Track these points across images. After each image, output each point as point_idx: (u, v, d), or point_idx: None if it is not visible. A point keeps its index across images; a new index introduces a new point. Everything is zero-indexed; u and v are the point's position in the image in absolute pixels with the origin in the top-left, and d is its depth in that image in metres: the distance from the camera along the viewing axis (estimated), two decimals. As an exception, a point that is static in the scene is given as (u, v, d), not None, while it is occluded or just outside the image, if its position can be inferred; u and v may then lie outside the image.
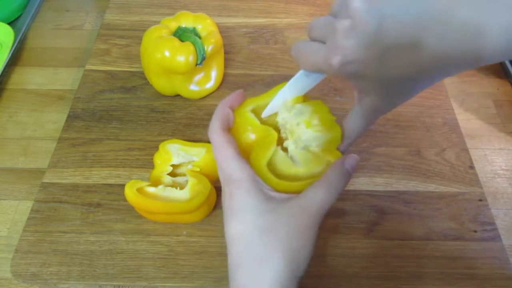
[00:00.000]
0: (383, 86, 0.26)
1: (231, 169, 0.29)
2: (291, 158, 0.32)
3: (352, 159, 0.29)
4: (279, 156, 0.31)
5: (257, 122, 0.32)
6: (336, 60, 0.25)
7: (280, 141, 0.32)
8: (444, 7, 0.22)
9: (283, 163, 0.31)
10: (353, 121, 0.31)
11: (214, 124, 0.31)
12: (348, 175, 0.29)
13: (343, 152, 0.32)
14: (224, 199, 0.29)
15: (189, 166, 0.45)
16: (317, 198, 0.28)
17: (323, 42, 0.26)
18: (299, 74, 0.31)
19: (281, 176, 0.31)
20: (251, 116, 0.32)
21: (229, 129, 0.32)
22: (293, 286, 0.27)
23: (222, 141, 0.29)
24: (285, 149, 0.32)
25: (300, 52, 0.29)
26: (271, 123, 0.33)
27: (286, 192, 0.29)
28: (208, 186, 0.42)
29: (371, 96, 0.28)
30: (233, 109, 0.32)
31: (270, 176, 0.30)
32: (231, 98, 0.32)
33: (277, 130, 0.32)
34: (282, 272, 0.26)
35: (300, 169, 0.31)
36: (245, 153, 0.31)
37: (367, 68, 0.25)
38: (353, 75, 0.25)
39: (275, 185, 0.30)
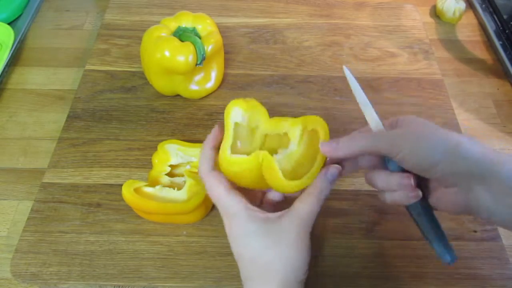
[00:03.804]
0: None
1: (227, 205, 0.33)
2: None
3: (334, 169, 0.32)
4: (280, 160, 0.34)
5: (243, 157, 0.33)
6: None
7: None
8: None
9: (285, 161, 0.34)
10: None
11: (202, 167, 0.34)
12: (330, 184, 0.32)
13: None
14: (226, 228, 0.33)
15: (187, 167, 0.45)
16: (303, 211, 0.31)
17: None
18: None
19: (290, 170, 0.34)
20: (235, 158, 0.33)
21: (217, 165, 0.34)
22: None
23: (213, 181, 0.33)
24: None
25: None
26: (249, 148, 0.35)
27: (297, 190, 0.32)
28: (206, 187, 0.42)
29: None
30: (216, 146, 0.35)
31: (290, 183, 0.32)
32: (212, 138, 0.35)
33: (268, 146, 0.36)
34: (285, 280, 0.30)
35: (298, 150, 0.35)
36: (246, 184, 0.34)
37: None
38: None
39: (295, 188, 0.32)
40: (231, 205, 0.32)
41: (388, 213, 0.46)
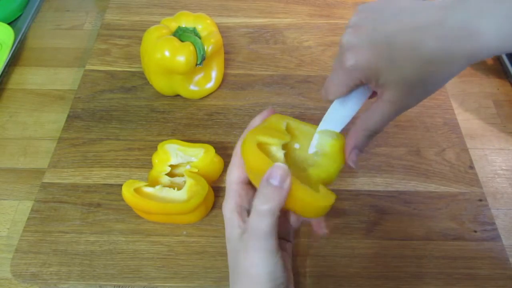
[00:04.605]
0: (400, 81, 0.29)
1: (225, 199, 0.33)
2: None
3: (275, 171, 0.29)
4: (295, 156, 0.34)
5: (267, 159, 0.31)
6: (348, 59, 0.29)
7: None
8: (436, 17, 0.26)
9: (299, 158, 0.35)
10: (374, 115, 0.32)
11: (231, 175, 0.34)
12: (278, 191, 0.29)
13: (360, 149, 0.33)
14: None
15: (187, 167, 0.45)
16: (255, 227, 0.29)
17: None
18: (333, 106, 0.34)
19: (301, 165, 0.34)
20: (264, 156, 0.32)
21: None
22: None
23: (231, 191, 0.33)
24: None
25: (325, 86, 0.33)
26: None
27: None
28: (206, 187, 0.42)
29: (391, 90, 0.29)
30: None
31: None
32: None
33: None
34: None
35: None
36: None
37: (377, 62, 0.28)
38: (368, 70, 0.29)
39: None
40: (226, 202, 0.33)
41: (388, 213, 0.46)
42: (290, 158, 0.35)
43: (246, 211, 0.32)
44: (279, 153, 0.33)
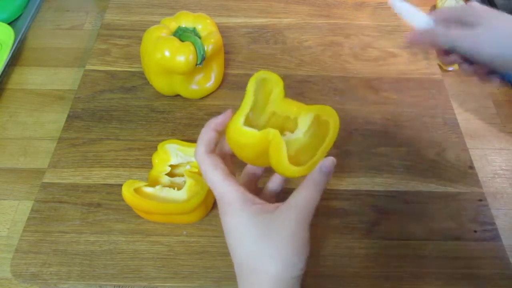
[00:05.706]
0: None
1: (221, 193, 0.31)
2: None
3: (329, 161, 0.31)
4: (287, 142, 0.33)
5: (254, 131, 0.32)
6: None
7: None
8: None
9: (289, 145, 0.33)
10: None
11: (199, 149, 0.33)
12: (326, 175, 0.31)
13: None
14: (221, 218, 0.31)
15: (187, 167, 0.45)
16: (300, 203, 0.29)
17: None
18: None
19: (292, 155, 0.33)
20: (246, 129, 0.32)
21: (214, 151, 0.33)
22: (295, 285, 0.29)
23: (209, 165, 0.31)
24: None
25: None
26: (265, 124, 0.35)
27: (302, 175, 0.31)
28: (206, 187, 0.42)
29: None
30: (219, 130, 0.34)
31: (292, 168, 0.31)
32: (219, 122, 0.34)
33: (273, 125, 0.34)
34: (277, 279, 0.28)
35: (303, 138, 0.34)
36: (247, 157, 0.33)
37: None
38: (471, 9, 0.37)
39: (295, 174, 0.31)
40: (226, 192, 0.30)
41: (388, 213, 0.46)
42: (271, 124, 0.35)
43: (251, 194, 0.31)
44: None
